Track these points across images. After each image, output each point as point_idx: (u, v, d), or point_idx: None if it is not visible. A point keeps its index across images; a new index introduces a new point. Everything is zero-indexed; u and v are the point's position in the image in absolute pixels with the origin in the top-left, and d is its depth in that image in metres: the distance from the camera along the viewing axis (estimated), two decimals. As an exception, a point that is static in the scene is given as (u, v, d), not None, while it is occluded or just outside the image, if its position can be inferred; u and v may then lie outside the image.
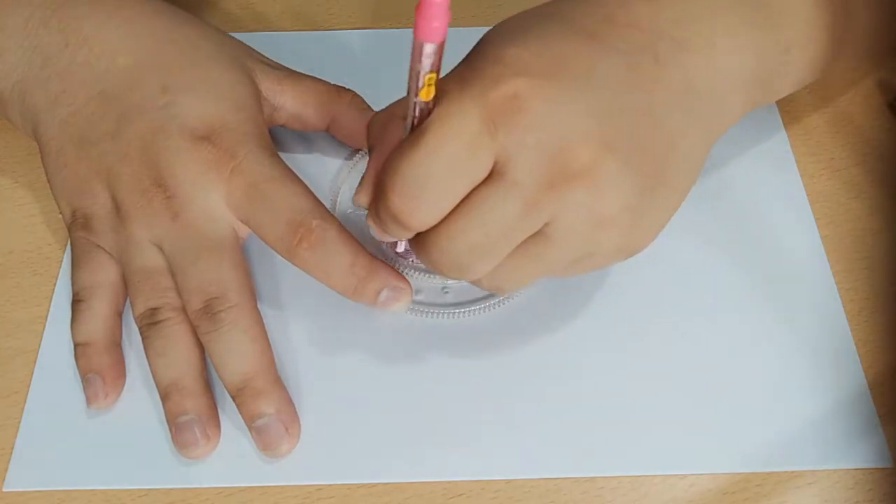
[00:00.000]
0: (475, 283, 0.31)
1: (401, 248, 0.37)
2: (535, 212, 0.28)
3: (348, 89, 0.40)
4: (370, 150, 0.31)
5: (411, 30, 0.27)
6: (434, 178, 0.28)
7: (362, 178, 0.31)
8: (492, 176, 0.28)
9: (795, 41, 0.34)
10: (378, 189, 0.29)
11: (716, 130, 0.33)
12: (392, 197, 0.28)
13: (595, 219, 0.29)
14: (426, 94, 0.27)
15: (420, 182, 0.28)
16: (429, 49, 0.26)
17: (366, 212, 0.39)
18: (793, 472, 0.33)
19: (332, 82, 0.40)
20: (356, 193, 0.31)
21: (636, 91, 0.29)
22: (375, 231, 0.31)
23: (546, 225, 0.29)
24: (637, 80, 0.29)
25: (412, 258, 0.38)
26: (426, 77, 0.27)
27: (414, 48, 0.26)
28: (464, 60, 0.29)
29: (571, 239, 0.29)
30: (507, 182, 0.28)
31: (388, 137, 0.30)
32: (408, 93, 0.28)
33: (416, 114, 0.28)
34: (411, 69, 0.27)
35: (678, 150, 0.31)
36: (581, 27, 0.30)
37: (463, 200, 0.28)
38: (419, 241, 0.30)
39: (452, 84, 0.28)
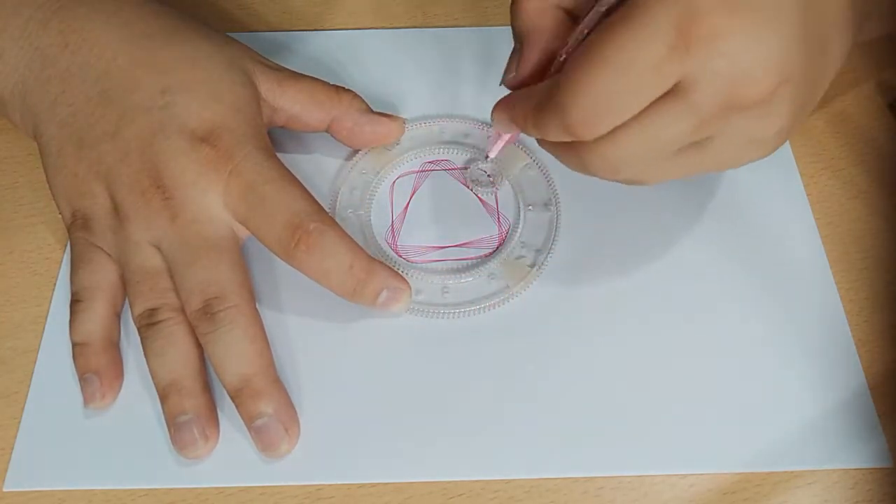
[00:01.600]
0: (616, 179, 0.31)
1: (494, 153, 0.38)
2: (704, 131, 0.29)
3: (348, 90, 0.40)
4: (522, 35, 0.32)
5: (413, 30, 0.27)
6: (620, 96, 0.28)
7: (511, 61, 0.32)
8: (673, 92, 0.28)
9: None
10: (549, 95, 0.29)
11: (844, 57, 0.33)
12: (572, 111, 0.28)
13: (751, 139, 0.30)
14: None
15: (607, 100, 0.28)
16: None
17: (361, 213, 0.40)
18: (793, 472, 0.33)
19: (332, 82, 0.40)
20: (505, 74, 0.32)
21: (813, 19, 0.29)
22: (503, 125, 0.32)
23: (707, 139, 0.29)
24: (811, 13, 0.29)
25: (404, 254, 0.38)
26: None
27: None
28: None
29: (724, 153, 0.30)
30: (687, 102, 0.28)
31: (547, 26, 0.31)
32: None
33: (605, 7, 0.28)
34: None
35: (830, 74, 0.31)
36: None
37: (639, 113, 0.28)
38: (577, 145, 0.30)
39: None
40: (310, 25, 0.47)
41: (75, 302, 0.36)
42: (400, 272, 0.35)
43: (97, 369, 0.35)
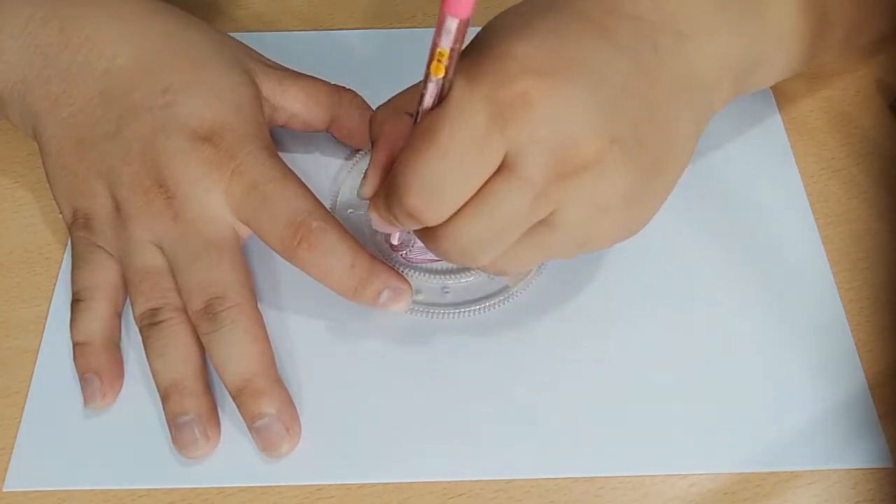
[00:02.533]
0: (479, 268, 0.31)
1: (395, 240, 0.38)
2: (542, 202, 0.29)
3: (348, 89, 0.40)
4: (373, 143, 0.32)
5: (412, 30, 0.27)
6: (448, 177, 0.28)
7: (367, 170, 0.31)
8: (501, 169, 0.28)
9: (778, 34, 0.35)
10: (390, 187, 0.29)
11: (706, 116, 0.34)
12: (408, 197, 0.28)
13: (597, 206, 0.29)
14: (435, 70, 0.27)
15: (435, 182, 0.28)
16: (449, 24, 0.26)
17: (364, 211, 0.40)
18: (793, 472, 0.33)
19: (332, 82, 0.40)
20: (361, 186, 0.32)
21: (638, 84, 0.30)
22: (378, 223, 0.32)
23: (551, 214, 0.29)
24: (639, 73, 0.30)
25: (405, 251, 0.38)
26: (437, 51, 0.26)
27: (438, 21, 0.26)
28: (468, 53, 0.29)
29: (574, 226, 0.30)
30: (516, 175, 0.28)
31: (393, 131, 0.31)
32: (425, 72, 0.28)
33: (426, 91, 0.28)
34: (432, 44, 0.27)
35: (674, 138, 0.31)
36: (587, 18, 0.30)
37: (474, 195, 0.29)
38: (428, 232, 0.30)
39: (460, 80, 0.28)
40: (310, 25, 0.47)
41: (76, 301, 0.36)
42: (400, 272, 0.35)
43: (98, 369, 0.35)
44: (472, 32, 0.29)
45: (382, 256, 0.38)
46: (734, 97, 0.35)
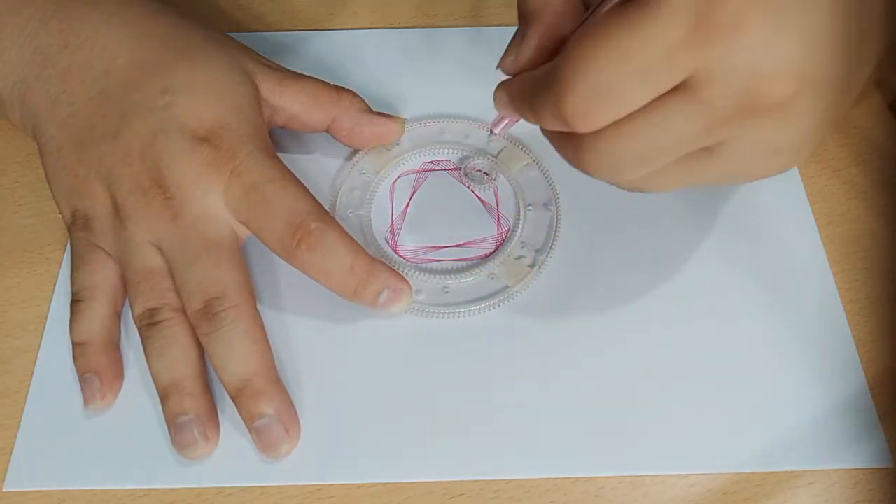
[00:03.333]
0: (616, 183, 0.29)
1: (499, 129, 0.35)
2: (715, 133, 0.26)
3: (348, 90, 0.40)
4: (525, 16, 0.29)
5: (412, 30, 0.27)
6: (623, 84, 0.25)
7: (512, 41, 0.29)
8: (682, 88, 0.25)
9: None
10: (546, 78, 0.27)
11: (872, 62, 0.30)
12: (570, 97, 0.25)
13: (768, 149, 0.28)
14: None
15: (605, 87, 0.25)
16: None
17: (363, 212, 0.40)
18: (793, 472, 0.33)
19: (332, 82, 0.40)
20: (505, 56, 0.29)
21: (840, 20, 0.27)
22: (504, 106, 0.30)
23: (719, 143, 0.27)
24: (841, 9, 0.26)
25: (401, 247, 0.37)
26: None
27: None
28: None
29: (738, 161, 0.28)
30: (699, 99, 0.25)
31: (550, 6, 0.28)
32: None
33: None
34: None
35: (857, 80, 0.29)
36: None
37: (644, 106, 0.26)
38: (573, 137, 0.27)
39: None
40: (310, 25, 0.47)
41: (76, 302, 0.36)
42: (400, 272, 0.35)
43: (97, 369, 0.35)
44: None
45: (382, 257, 0.38)
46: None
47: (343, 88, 0.40)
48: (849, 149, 0.42)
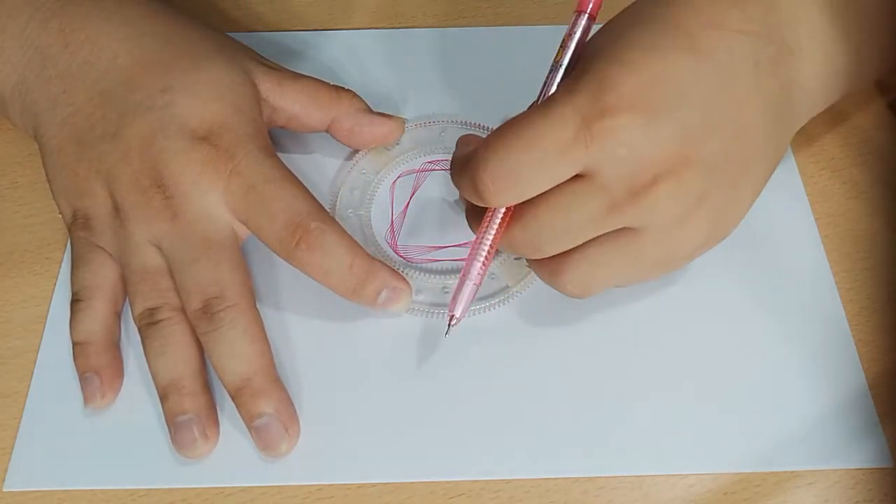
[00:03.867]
0: (560, 289, 0.33)
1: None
2: (616, 214, 0.31)
3: (348, 90, 0.40)
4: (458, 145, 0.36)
5: (412, 30, 0.27)
6: (525, 169, 0.30)
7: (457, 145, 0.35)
8: (581, 176, 0.30)
9: (865, 43, 0.35)
10: (471, 156, 0.31)
11: (797, 126, 0.35)
12: (482, 173, 0.31)
13: (681, 221, 0.31)
14: (559, 56, 0.32)
15: (511, 169, 0.30)
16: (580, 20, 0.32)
17: (363, 212, 0.40)
18: (793, 472, 0.33)
19: (332, 82, 0.40)
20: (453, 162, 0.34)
21: (729, 107, 0.31)
22: (454, 180, 0.33)
23: (631, 228, 0.31)
24: (732, 92, 0.31)
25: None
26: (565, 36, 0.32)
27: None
28: (580, 62, 0.32)
29: (655, 236, 0.32)
30: (595, 185, 0.30)
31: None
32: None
33: (547, 78, 0.32)
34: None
35: (762, 153, 0.33)
36: (685, 34, 0.31)
37: (549, 190, 0.31)
38: (506, 215, 0.32)
39: (562, 89, 0.31)
40: (310, 25, 0.47)
41: (76, 301, 0.36)
42: (400, 272, 0.35)
43: (97, 368, 0.35)
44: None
45: (382, 257, 0.38)
46: (835, 100, 0.36)
47: (343, 88, 0.40)
48: (849, 149, 0.42)
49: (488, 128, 0.42)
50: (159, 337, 0.34)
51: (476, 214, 0.34)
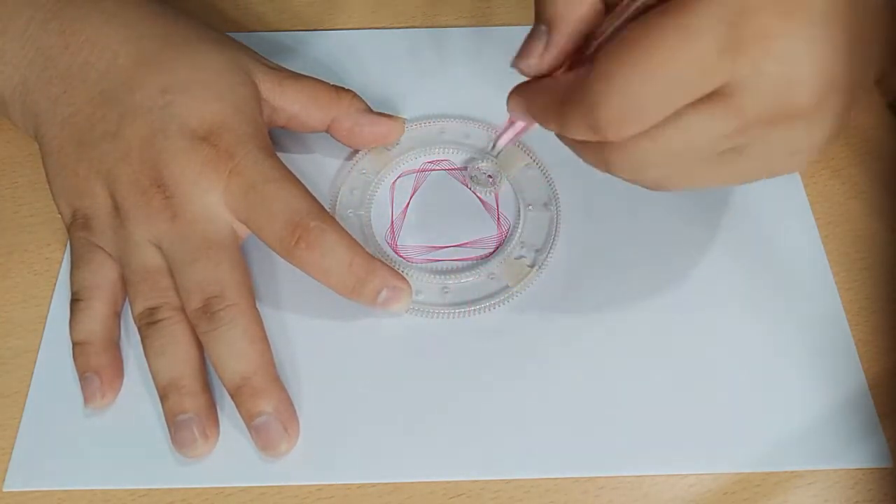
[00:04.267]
0: (638, 182, 0.29)
1: (503, 141, 0.35)
2: (744, 137, 0.27)
3: (348, 90, 0.40)
4: (550, 19, 0.29)
5: (412, 30, 0.27)
6: (657, 97, 0.25)
7: (529, 42, 0.29)
8: (716, 95, 0.26)
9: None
10: (575, 90, 0.27)
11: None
12: (602, 111, 0.26)
13: (791, 150, 0.28)
14: None
15: (641, 101, 0.26)
16: None
17: (363, 212, 0.40)
18: (793, 472, 0.33)
19: (332, 83, 0.40)
20: (521, 57, 0.29)
21: (858, 24, 0.27)
22: (519, 112, 0.30)
23: (745, 145, 0.27)
24: (856, 12, 0.27)
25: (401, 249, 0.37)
26: None
27: None
28: None
29: (760, 162, 0.28)
30: (731, 106, 0.26)
31: (574, 8, 0.28)
32: None
33: None
34: None
35: (869, 86, 0.31)
36: None
37: (677, 111, 0.26)
38: (600, 143, 0.28)
39: None
40: (310, 25, 0.47)
41: (75, 301, 0.36)
42: (400, 272, 0.35)
43: (97, 368, 0.35)
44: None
45: (382, 257, 0.38)
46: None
47: (343, 89, 0.40)
48: (849, 149, 0.42)
49: (489, 127, 0.42)
50: (159, 336, 0.34)
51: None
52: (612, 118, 0.26)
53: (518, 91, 0.31)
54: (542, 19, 0.29)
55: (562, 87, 0.28)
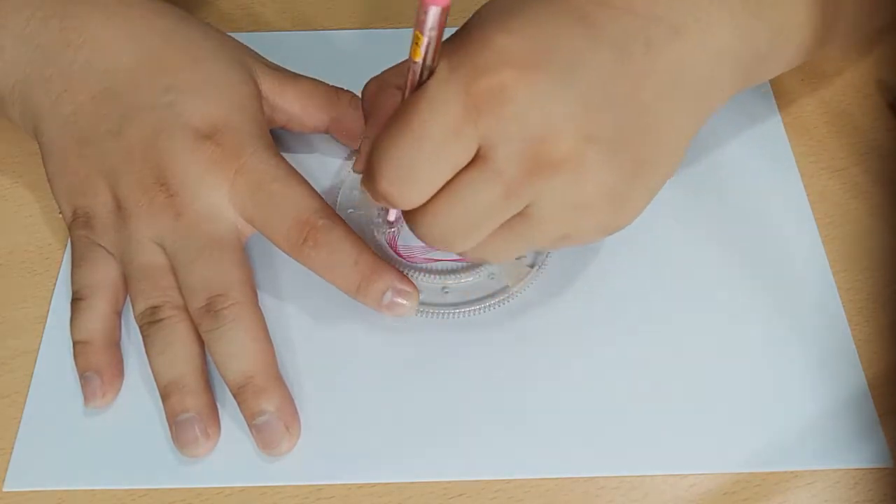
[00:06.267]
0: (461, 255, 0.32)
1: (391, 216, 0.38)
2: (515, 197, 0.29)
3: (347, 90, 0.40)
4: (365, 117, 0.33)
5: (411, 30, 0.27)
6: (419, 164, 0.28)
7: (360, 145, 0.34)
8: (475, 160, 0.28)
9: (785, 24, 0.34)
10: (368, 168, 0.29)
11: (705, 112, 0.33)
12: (381, 181, 0.29)
13: (574, 204, 0.29)
14: (413, 54, 0.27)
15: (406, 168, 0.28)
16: (428, 10, 0.26)
17: (364, 211, 0.40)
18: (793, 472, 0.33)
19: (332, 83, 0.40)
20: (355, 161, 0.35)
21: (623, 81, 0.29)
22: (368, 200, 0.32)
23: (527, 207, 0.29)
24: (625, 70, 0.29)
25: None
26: (414, 34, 0.27)
27: (418, 5, 0.26)
28: (453, 39, 0.29)
29: (551, 221, 0.30)
30: (489, 168, 0.28)
31: (383, 105, 0.33)
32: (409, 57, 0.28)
33: (409, 76, 0.28)
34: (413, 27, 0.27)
35: (665, 136, 0.31)
36: (574, 9, 0.29)
37: (448, 182, 0.29)
38: (408, 214, 0.30)
39: (441, 67, 0.28)
40: (310, 25, 0.47)
41: (76, 300, 0.36)
42: (406, 275, 0.35)
43: (98, 367, 0.35)
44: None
45: (382, 256, 0.38)
46: (738, 91, 0.34)
47: (342, 89, 0.40)
48: (849, 149, 0.42)
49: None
50: (161, 335, 0.34)
51: None
52: (390, 187, 0.28)
53: None
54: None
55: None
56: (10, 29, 0.37)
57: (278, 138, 0.41)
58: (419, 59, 0.27)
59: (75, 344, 0.35)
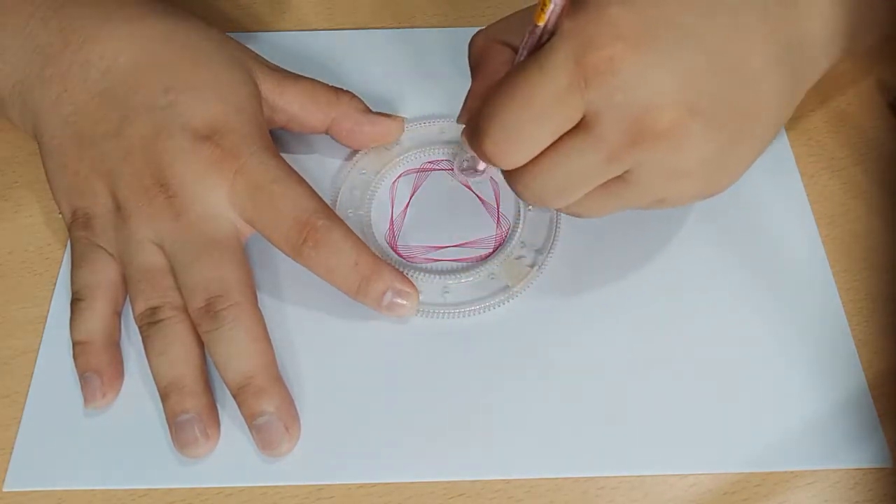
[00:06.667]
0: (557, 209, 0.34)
1: (481, 166, 0.39)
2: (615, 163, 0.30)
3: (347, 91, 0.40)
4: (472, 70, 0.35)
5: (412, 30, 0.27)
6: (524, 127, 0.29)
7: (466, 96, 0.35)
8: (580, 126, 0.29)
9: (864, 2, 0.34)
10: (475, 125, 0.31)
11: (808, 83, 0.33)
12: (486, 140, 0.30)
13: (673, 172, 0.31)
14: (537, 18, 0.29)
15: (511, 130, 0.30)
16: None
17: (363, 212, 0.40)
18: (793, 472, 0.33)
19: (332, 83, 0.40)
20: (460, 114, 0.35)
21: (736, 47, 0.30)
22: (468, 151, 0.33)
23: (626, 172, 0.30)
24: (738, 39, 0.30)
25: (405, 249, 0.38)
26: (541, 1, 0.29)
27: None
28: (570, 9, 0.29)
29: (649, 186, 0.31)
30: (592, 135, 0.29)
31: (491, 61, 0.34)
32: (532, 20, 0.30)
33: (527, 38, 0.30)
34: None
35: (768, 107, 0.31)
36: None
37: (551, 145, 0.30)
38: (508, 172, 0.32)
39: (557, 35, 0.29)
40: (309, 25, 0.47)
41: (76, 301, 0.36)
42: (406, 275, 0.35)
43: (98, 368, 0.35)
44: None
45: (382, 256, 0.38)
46: (826, 70, 0.34)
47: (342, 90, 0.40)
48: (849, 149, 0.42)
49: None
50: (160, 336, 0.34)
51: None
52: (494, 148, 0.30)
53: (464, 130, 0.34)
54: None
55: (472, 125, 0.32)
56: (9, 29, 0.37)
57: (278, 138, 0.41)
58: (542, 24, 0.29)
59: (75, 344, 0.35)
